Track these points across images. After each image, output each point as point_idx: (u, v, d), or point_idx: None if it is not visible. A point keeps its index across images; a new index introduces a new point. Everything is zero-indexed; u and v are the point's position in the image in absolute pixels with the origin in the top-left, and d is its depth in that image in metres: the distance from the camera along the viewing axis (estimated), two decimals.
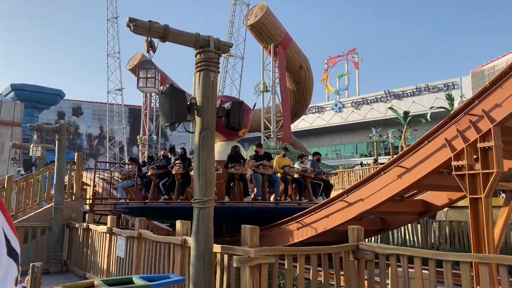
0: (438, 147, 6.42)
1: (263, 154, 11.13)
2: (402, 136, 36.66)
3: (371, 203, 7.32)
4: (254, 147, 11.92)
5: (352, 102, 57.86)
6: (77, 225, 9.69)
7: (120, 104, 48.83)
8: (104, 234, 7.86)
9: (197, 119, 4.59)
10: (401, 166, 6.90)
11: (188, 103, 4.53)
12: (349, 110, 57.84)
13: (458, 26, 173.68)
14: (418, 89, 52.22)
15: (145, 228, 6.69)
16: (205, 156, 4.54)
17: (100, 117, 64.13)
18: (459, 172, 6.05)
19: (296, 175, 11.27)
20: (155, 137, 43.49)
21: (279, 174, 10.99)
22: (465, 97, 27.87)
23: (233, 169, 10.14)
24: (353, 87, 60.14)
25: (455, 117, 6.27)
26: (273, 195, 10.77)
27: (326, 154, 57.70)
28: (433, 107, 39.03)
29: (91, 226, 8.80)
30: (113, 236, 7.51)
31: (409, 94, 52.74)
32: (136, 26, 4.19)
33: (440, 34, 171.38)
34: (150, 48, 4.33)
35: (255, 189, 10.61)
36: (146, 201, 10.94)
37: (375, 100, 55.81)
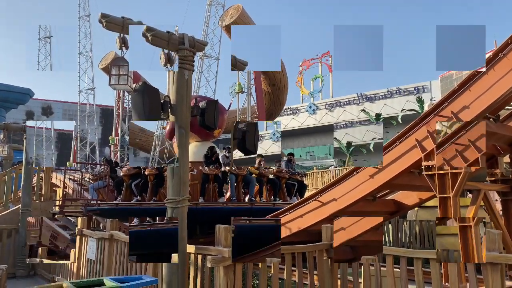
0: (409, 147, 6.54)
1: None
2: None
3: (344, 202, 7.38)
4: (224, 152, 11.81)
5: (326, 104, 58.59)
6: None
7: (92, 104, 47.70)
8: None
9: (171, 118, 4.52)
10: (373, 166, 7.00)
11: (161, 101, 4.47)
12: (323, 112, 58.53)
13: (429, 30, 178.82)
14: (389, 92, 53.36)
15: (117, 229, 6.55)
16: (179, 156, 4.48)
17: (71, 117, 62.44)
18: (429, 172, 6.18)
19: (271, 176, 11.29)
20: (127, 137, 42.62)
21: (254, 175, 10.99)
22: (434, 100, 28.68)
23: (207, 169, 10.07)
24: (327, 90, 60.95)
25: (425, 118, 6.42)
26: (248, 195, 10.75)
27: (300, 155, 58.10)
28: (404, 109, 39.89)
29: None
30: (83, 238, 7.32)
31: (381, 97, 53.80)
32: (109, 22, 4.10)
33: (413, 38, 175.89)
34: (123, 45, 4.25)
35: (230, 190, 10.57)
36: (118, 202, 10.72)
37: (348, 102, 56.69)
